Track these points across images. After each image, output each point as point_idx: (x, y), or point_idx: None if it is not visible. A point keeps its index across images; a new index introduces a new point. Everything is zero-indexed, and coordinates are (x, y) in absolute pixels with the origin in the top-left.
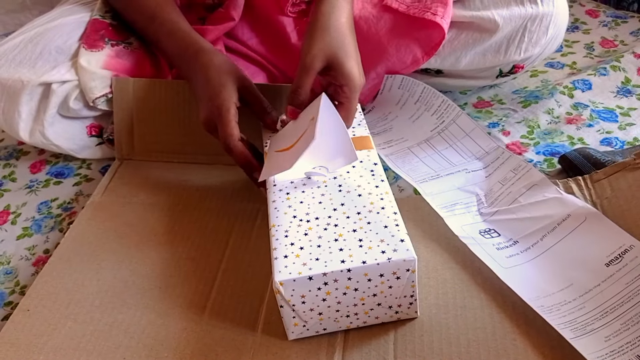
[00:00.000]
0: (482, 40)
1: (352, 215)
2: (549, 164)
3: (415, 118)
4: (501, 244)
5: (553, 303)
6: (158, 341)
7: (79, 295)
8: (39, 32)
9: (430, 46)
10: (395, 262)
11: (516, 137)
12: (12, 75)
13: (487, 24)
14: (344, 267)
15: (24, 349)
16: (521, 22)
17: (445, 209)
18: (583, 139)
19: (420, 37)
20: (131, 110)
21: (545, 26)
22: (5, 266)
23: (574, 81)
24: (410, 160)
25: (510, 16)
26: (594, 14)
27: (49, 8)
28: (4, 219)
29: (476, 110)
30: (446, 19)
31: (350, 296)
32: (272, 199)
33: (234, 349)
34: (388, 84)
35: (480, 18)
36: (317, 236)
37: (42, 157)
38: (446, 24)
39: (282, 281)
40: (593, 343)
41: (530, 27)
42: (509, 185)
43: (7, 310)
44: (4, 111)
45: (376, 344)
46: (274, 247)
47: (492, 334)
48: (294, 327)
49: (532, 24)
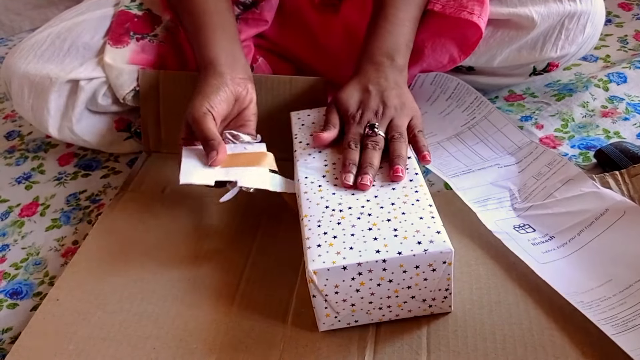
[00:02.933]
0: (518, 37)
1: (386, 205)
2: (584, 158)
3: (445, 114)
4: (537, 239)
5: (592, 299)
6: (187, 332)
7: (108, 285)
8: (66, 26)
9: (467, 45)
10: (432, 254)
11: (550, 131)
12: (40, 71)
13: (524, 21)
14: (379, 257)
15: (54, 338)
16: (558, 19)
17: (478, 203)
18: (619, 132)
19: (456, 36)
20: (158, 103)
21: (582, 24)
22: (35, 257)
23: (609, 74)
24: (441, 155)
25: (548, 13)
26: (627, 7)
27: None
28: (33, 211)
29: (508, 103)
30: (483, 18)
31: (384, 287)
32: (304, 190)
33: (263, 341)
34: (420, 80)
35: (518, 15)
36: (351, 225)
37: (70, 150)
38: (483, 23)
39: (316, 270)
40: (636, 339)
41: (568, 24)
42: (544, 180)
43: (36, 300)
44: (33, 107)
45: (409, 338)
46: (306, 236)
47: (528, 330)
48: (325, 317)
49: (569, 21)
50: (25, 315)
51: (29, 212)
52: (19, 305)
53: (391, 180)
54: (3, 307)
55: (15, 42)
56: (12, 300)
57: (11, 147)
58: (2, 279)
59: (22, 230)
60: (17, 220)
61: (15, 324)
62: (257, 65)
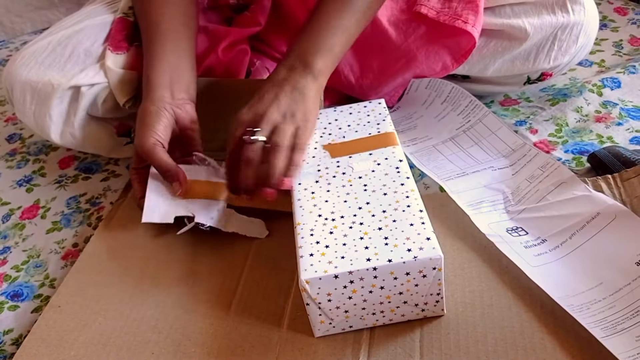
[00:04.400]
0: (511, 48)
1: (377, 213)
2: (577, 163)
3: (440, 117)
4: (529, 242)
5: (582, 302)
6: (186, 336)
7: (108, 291)
8: (66, 34)
9: (460, 53)
10: (422, 261)
11: (544, 135)
12: (42, 78)
13: (517, 32)
14: (370, 265)
15: (56, 345)
16: (551, 31)
17: (472, 206)
18: (612, 137)
19: (450, 44)
20: None
21: (575, 35)
22: (35, 259)
23: (603, 79)
24: (436, 158)
25: (541, 25)
26: (622, 12)
27: (75, 5)
28: (33, 213)
29: (503, 108)
30: (477, 27)
31: (376, 294)
32: (297, 197)
33: (260, 344)
34: (415, 84)
35: (511, 26)
36: (343, 234)
37: (70, 153)
38: (477, 32)
39: (309, 279)
40: (624, 342)
41: (561, 35)
42: (537, 183)
43: (36, 302)
44: (35, 114)
45: (402, 341)
46: (299, 245)
47: (519, 333)
48: (320, 324)
49: (562, 32)
50: (26, 317)
51: (30, 214)
52: (19, 307)
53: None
54: (4, 309)
55: (16, 44)
56: (13, 302)
57: (12, 150)
58: (3, 281)
59: (23, 232)
60: (18, 222)
61: (16, 326)
62: (254, 68)
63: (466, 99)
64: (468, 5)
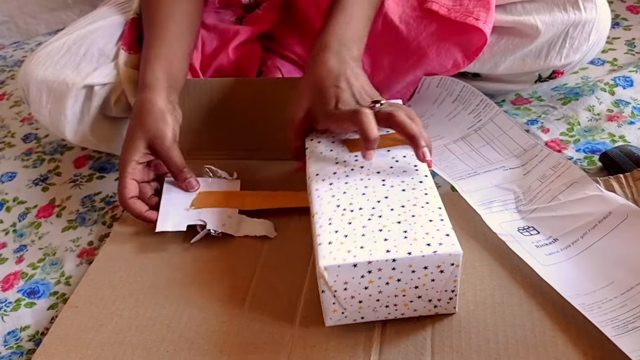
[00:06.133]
0: (522, 45)
1: (396, 207)
2: (589, 162)
3: (452, 116)
4: (540, 242)
5: (594, 301)
6: (199, 334)
7: (124, 291)
8: (81, 34)
9: (472, 50)
10: (441, 256)
11: (555, 135)
12: (57, 77)
13: (528, 29)
14: (389, 256)
15: (73, 344)
16: (563, 28)
17: (483, 206)
18: (624, 136)
19: (461, 41)
20: None
21: (587, 32)
22: (51, 257)
23: (615, 78)
24: (447, 158)
25: (553, 22)
26: (635, 10)
27: (89, 6)
28: (49, 212)
29: (514, 107)
30: (488, 24)
31: (392, 286)
32: (315, 187)
33: (272, 341)
34: (426, 83)
35: (522, 23)
36: (362, 225)
37: (85, 152)
38: (488, 29)
39: (327, 266)
40: (635, 341)
41: (572, 33)
42: (548, 182)
43: (52, 299)
44: (51, 113)
45: (413, 339)
46: (317, 233)
47: (531, 332)
48: (332, 313)
49: (574, 30)
50: (42, 314)
51: (46, 213)
52: (36, 304)
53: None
54: (21, 306)
55: (31, 45)
56: (30, 299)
57: (28, 149)
58: (20, 278)
59: (39, 231)
60: (35, 221)
61: (33, 323)
62: (265, 68)
63: (477, 97)
64: (479, 3)
